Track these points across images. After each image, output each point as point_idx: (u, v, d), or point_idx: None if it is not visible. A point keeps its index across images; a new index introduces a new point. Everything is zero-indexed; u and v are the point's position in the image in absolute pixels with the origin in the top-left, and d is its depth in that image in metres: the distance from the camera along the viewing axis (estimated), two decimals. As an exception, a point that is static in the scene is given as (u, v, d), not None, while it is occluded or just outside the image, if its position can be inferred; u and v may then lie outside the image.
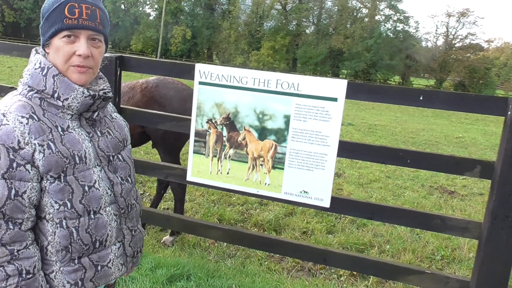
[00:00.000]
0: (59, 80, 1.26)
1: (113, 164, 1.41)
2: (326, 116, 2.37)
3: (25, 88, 1.28)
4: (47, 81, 1.25)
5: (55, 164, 1.23)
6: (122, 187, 1.42)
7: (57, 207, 1.25)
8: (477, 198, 6.23)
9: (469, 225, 2.36)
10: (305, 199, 2.50)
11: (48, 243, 1.26)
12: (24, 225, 1.21)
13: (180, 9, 50.09)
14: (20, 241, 1.20)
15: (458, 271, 3.69)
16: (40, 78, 1.26)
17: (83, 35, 1.27)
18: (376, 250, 3.96)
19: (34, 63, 1.29)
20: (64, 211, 1.26)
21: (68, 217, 1.26)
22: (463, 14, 46.10)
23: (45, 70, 1.26)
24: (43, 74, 1.26)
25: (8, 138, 1.16)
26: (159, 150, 3.83)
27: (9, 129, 1.17)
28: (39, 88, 1.26)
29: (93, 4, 1.29)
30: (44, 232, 1.26)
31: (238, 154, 2.57)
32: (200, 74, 2.54)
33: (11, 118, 1.19)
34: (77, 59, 1.26)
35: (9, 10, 49.02)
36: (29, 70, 1.28)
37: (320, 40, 45.96)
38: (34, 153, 1.19)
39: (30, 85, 1.27)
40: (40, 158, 1.20)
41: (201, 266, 3.12)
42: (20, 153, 1.17)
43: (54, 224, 1.25)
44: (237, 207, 4.74)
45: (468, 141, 12.80)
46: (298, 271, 3.50)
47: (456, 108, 2.34)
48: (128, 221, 1.46)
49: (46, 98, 1.26)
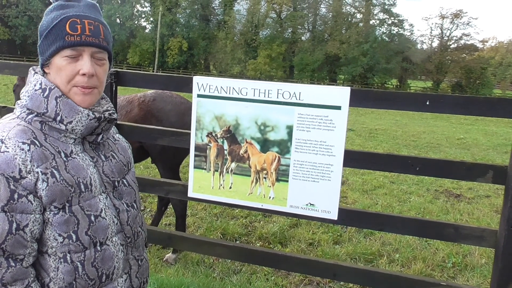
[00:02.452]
0: (62, 102, 1.16)
1: (118, 190, 1.32)
2: (330, 125, 2.28)
3: (24, 111, 1.17)
4: (49, 103, 1.15)
5: (60, 194, 1.13)
6: (128, 214, 1.32)
7: (61, 240, 1.14)
8: (484, 200, 6.13)
9: (484, 234, 2.26)
10: (312, 212, 2.40)
11: (50, 280, 1.14)
12: (26, 261, 1.10)
13: (175, 21, 50.32)
14: (22, 279, 1.09)
15: (472, 279, 3.57)
16: (41, 100, 1.16)
17: (86, 53, 1.17)
18: (385, 259, 3.85)
19: (34, 84, 1.18)
20: (69, 244, 1.15)
21: (72, 251, 1.16)
22: (456, 16, 46.40)
23: (47, 92, 1.16)
24: (44, 96, 1.16)
25: (8, 167, 1.06)
26: (158, 165, 3.74)
27: (9, 157, 1.06)
28: (39, 111, 1.15)
29: (96, 20, 1.20)
30: (45, 268, 1.15)
31: (241, 167, 2.48)
32: (198, 86, 2.46)
33: (11, 145, 1.08)
34: (81, 79, 1.17)
35: (4, 27, 49.24)
36: (28, 92, 1.18)
37: (316, 46, 46.15)
38: (37, 183, 1.09)
39: (30, 108, 1.16)
40: (43, 187, 1.10)
41: (205, 285, 3.01)
42: (22, 183, 1.07)
43: (57, 258, 1.14)
44: (240, 220, 4.63)
45: (470, 142, 12.71)
46: (306, 285, 3.38)
47: (465, 112, 2.25)
48: (135, 251, 1.36)
49: (47, 121, 1.16)
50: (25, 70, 3.01)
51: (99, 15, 1.25)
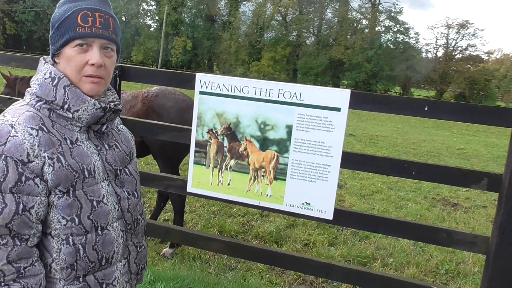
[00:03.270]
0: (70, 91, 1.21)
1: (120, 178, 1.37)
2: (329, 126, 2.32)
3: (33, 98, 1.22)
4: (58, 92, 1.21)
5: (65, 178, 1.18)
6: (129, 202, 1.38)
7: (64, 222, 1.19)
8: (481, 210, 6.16)
9: (476, 240, 2.30)
10: (308, 211, 2.44)
11: (53, 260, 1.20)
12: (31, 241, 1.15)
13: (180, 20, 50.43)
14: (27, 258, 1.14)
15: (464, 286, 3.60)
16: (50, 88, 1.21)
17: (96, 44, 1.23)
18: (379, 263, 3.89)
19: (44, 73, 1.23)
20: (71, 227, 1.20)
21: (75, 233, 1.21)
22: (462, 26, 46.37)
23: (56, 80, 1.21)
24: (53, 84, 1.21)
25: (17, 151, 1.11)
26: (158, 161, 3.79)
27: (18, 141, 1.11)
28: (48, 99, 1.21)
29: (106, 13, 1.25)
30: (48, 249, 1.20)
31: (239, 165, 2.52)
32: (200, 83, 2.50)
33: (20, 130, 1.13)
34: (90, 68, 1.22)
35: (11, 22, 49.31)
36: (38, 80, 1.23)
37: (321, 50, 46.18)
38: (43, 167, 1.14)
39: (39, 95, 1.21)
40: (49, 171, 1.15)
41: (201, 279, 3.05)
42: (29, 166, 1.12)
43: (60, 240, 1.20)
44: (238, 219, 4.67)
45: (470, 153, 12.73)
46: (300, 284, 3.42)
47: (463, 119, 2.29)
48: (134, 237, 1.41)
49: (55, 109, 1.21)
50: (32, 63, 3.06)
51: (109, 8, 1.29)
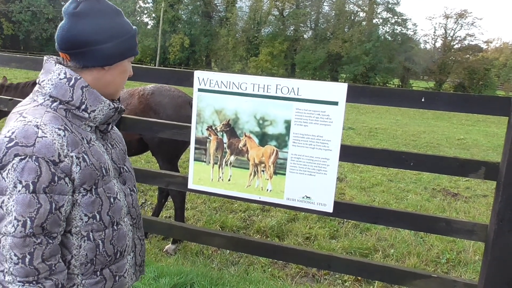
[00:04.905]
0: (88, 92, 1.25)
1: (122, 175, 1.42)
2: (327, 120, 2.34)
3: (48, 99, 1.23)
4: (75, 92, 1.23)
5: (89, 177, 1.23)
6: (132, 197, 1.45)
7: (86, 219, 1.24)
8: (481, 200, 6.19)
9: (475, 228, 2.32)
10: (308, 205, 2.47)
11: (72, 257, 1.24)
12: (58, 238, 1.19)
13: (177, 17, 50.27)
14: (55, 255, 1.18)
15: (464, 274, 3.64)
16: (66, 88, 1.22)
17: None
18: (380, 254, 3.92)
19: (58, 73, 1.24)
20: (92, 224, 1.25)
21: (95, 230, 1.26)
22: (461, 16, 46.24)
23: (72, 81, 1.23)
24: (69, 85, 1.23)
25: (49, 152, 1.13)
26: (157, 158, 3.83)
27: (48, 142, 1.13)
28: (64, 99, 1.22)
29: None
30: (68, 246, 1.24)
31: (239, 160, 2.55)
32: (199, 81, 2.53)
33: (48, 130, 1.15)
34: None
35: (8, 23, 49.11)
36: (52, 80, 1.23)
37: (318, 44, 46.08)
38: (71, 166, 1.18)
39: (54, 96, 1.22)
40: (77, 171, 1.19)
41: (204, 274, 3.09)
42: (60, 166, 1.15)
43: (81, 237, 1.24)
44: (239, 214, 4.71)
45: (470, 143, 12.76)
46: (302, 277, 3.46)
47: (459, 109, 2.31)
48: (138, 231, 1.49)
49: (71, 109, 1.24)
50: (31, 63, 3.08)
51: None
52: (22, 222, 1.09)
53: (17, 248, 1.10)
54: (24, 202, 1.09)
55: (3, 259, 1.11)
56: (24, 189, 1.10)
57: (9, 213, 1.10)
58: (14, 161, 1.10)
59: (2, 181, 1.10)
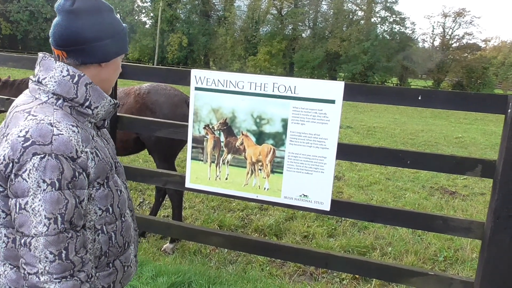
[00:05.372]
0: (92, 89, 1.26)
1: (117, 170, 1.44)
2: (324, 119, 2.35)
3: (51, 97, 1.22)
4: (79, 89, 1.23)
5: (102, 171, 1.26)
6: (127, 191, 1.49)
7: (100, 213, 1.27)
8: (479, 198, 6.20)
9: (472, 225, 2.33)
10: (305, 203, 2.47)
11: (87, 252, 1.24)
12: (80, 231, 1.20)
13: (175, 16, 50.17)
14: (83, 247, 1.20)
15: (462, 272, 3.65)
16: (70, 85, 1.22)
17: None
18: (378, 252, 3.93)
19: (60, 70, 1.23)
20: (106, 217, 1.29)
21: (107, 222, 1.30)
22: (459, 14, 46.22)
23: (76, 78, 1.23)
24: (73, 82, 1.23)
25: (67, 148, 1.14)
26: (154, 156, 3.83)
27: (65, 139, 1.14)
28: (69, 97, 1.22)
29: None
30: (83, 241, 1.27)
31: (237, 159, 2.55)
32: (196, 79, 2.53)
33: (63, 128, 1.16)
34: None
35: (6, 22, 48.91)
36: (55, 77, 1.22)
37: (317, 43, 46.04)
38: (87, 161, 1.20)
39: (58, 93, 1.22)
40: (92, 165, 1.21)
41: (202, 273, 3.09)
42: (78, 162, 1.17)
43: (95, 230, 1.27)
44: (237, 213, 4.71)
45: (468, 141, 12.78)
46: (300, 275, 3.46)
47: (456, 107, 2.32)
48: (134, 223, 1.52)
49: (75, 106, 1.24)
50: (28, 63, 3.08)
51: None
52: (53, 220, 1.10)
53: (52, 246, 1.10)
54: (52, 199, 1.10)
55: (36, 260, 1.10)
56: (50, 187, 1.10)
57: (36, 213, 1.09)
58: (34, 160, 1.09)
59: (23, 182, 1.09)
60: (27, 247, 1.10)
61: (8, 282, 1.21)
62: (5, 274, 1.22)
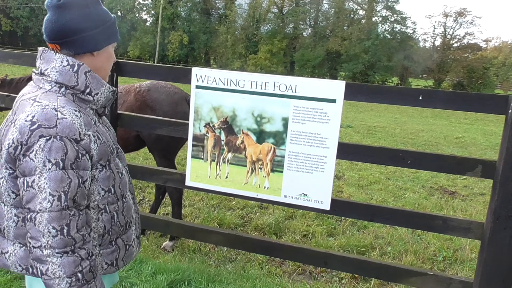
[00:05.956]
0: (91, 76, 1.34)
1: (119, 155, 1.52)
2: (324, 118, 2.35)
3: (54, 85, 1.30)
4: (79, 77, 1.31)
5: (104, 153, 1.34)
6: (128, 175, 1.56)
7: (103, 193, 1.35)
8: (478, 198, 6.21)
9: (471, 226, 2.34)
10: (305, 202, 2.47)
11: (91, 230, 1.33)
12: (84, 211, 1.28)
13: (176, 14, 50.12)
14: (85, 226, 1.27)
15: (461, 272, 3.66)
16: (70, 74, 1.30)
17: None
18: (377, 252, 3.93)
19: (60, 61, 1.31)
20: (108, 197, 1.37)
21: (110, 202, 1.38)
22: (460, 14, 46.17)
23: (76, 67, 1.31)
24: (73, 71, 1.31)
25: (71, 131, 1.21)
26: (154, 154, 3.83)
27: (68, 122, 1.22)
28: (70, 84, 1.30)
29: None
30: (87, 220, 1.31)
31: (237, 157, 2.55)
32: (196, 78, 2.53)
33: (67, 112, 1.24)
34: None
35: (6, 19, 48.88)
36: (56, 68, 1.30)
37: (318, 42, 46.02)
38: (90, 144, 1.27)
39: (60, 82, 1.30)
40: (94, 148, 1.29)
41: (201, 271, 3.09)
42: (81, 144, 1.24)
43: (99, 210, 1.35)
44: (237, 211, 4.71)
45: (468, 141, 12.78)
46: (299, 274, 3.47)
47: (457, 107, 2.32)
48: (135, 205, 1.59)
49: (77, 93, 1.32)
50: (28, 59, 3.08)
51: None
52: (57, 197, 1.18)
53: (55, 221, 1.18)
54: (56, 178, 1.18)
55: (40, 235, 1.18)
56: (54, 166, 1.18)
57: (41, 190, 1.17)
58: (40, 142, 1.17)
59: (30, 162, 1.18)
60: (32, 222, 1.18)
61: (18, 260, 1.31)
62: (15, 253, 1.31)
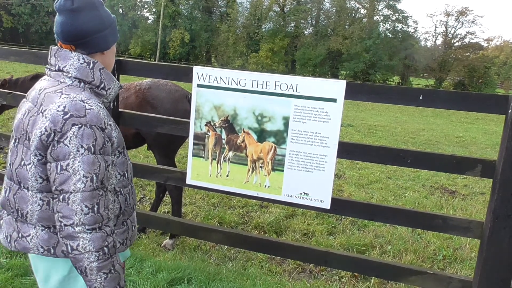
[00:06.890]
0: (105, 73, 1.48)
1: None
2: (325, 117, 2.35)
3: (74, 80, 1.43)
4: (95, 74, 1.45)
5: (121, 141, 1.49)
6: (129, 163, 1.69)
7: (119, 177, 1.50)
8: (479, 197, 6.21)
9: (471, 225, 2.34)
10: (305, 201, 2.48)
11: (108, 211, 1.41)
12: (107, 192, 1.40)
13: (178, 12, 50.09)
14: (108, 206, 1.40)
15: (460, 271, 3.67)
16: (87, 71, 1.44)
17: None
18: (377, 251, 3.94)
19: (77, 58, 1.43)
20: (123, 181, 1.53)
21: (123, 186, 1.53)
22: (462, 13, 46.08)
23: (91, 64, 1.45)
24: (90, 68, 1.44)
25: (98, 120, 1.36)
26: (154, 152, 3.84)
27: (95, 113, 1.36)
28: (88, 80, 1.44)
29: None
30: None
31: (238, 156, 2.56)
32: (198, 76, 2.53)
33: (93, 104, 1.38)
34: None
35: (7, 15, 48.81)
36: (74, 65, 1.43)
37: (319, 41, 45.98)
38: (112, 132, 1.42)
39: (79, 78, 1.43)
40: (115, 136, 1.44)
41: (202, 269, 3.10)
42: (106, 132, 1.38)
43: (115, 192, 1.49)
44: (237, 210, 4.72)
45: (469, 141, 12.79)
46: (299, 273, 3.48)
47: (457, 107, 2.32)
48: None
49: (93, 88, 1.46)
50: (30, 56, 3.09)
51: None
52: (90, 178, 1.31)
53: (87, 200, 1.31)
54: (89, 161, 1.31)
55: (73, 213, 1.30)
56: (87, 151, 1.31)
57: (75, 172, 1.30)
58: (74, 129, 1.30)
59: (65, 147, 1.30)
60: (65, 202, 1.30)
61: (40, 242, 1.41)
62: (37, 235, 1.41)
